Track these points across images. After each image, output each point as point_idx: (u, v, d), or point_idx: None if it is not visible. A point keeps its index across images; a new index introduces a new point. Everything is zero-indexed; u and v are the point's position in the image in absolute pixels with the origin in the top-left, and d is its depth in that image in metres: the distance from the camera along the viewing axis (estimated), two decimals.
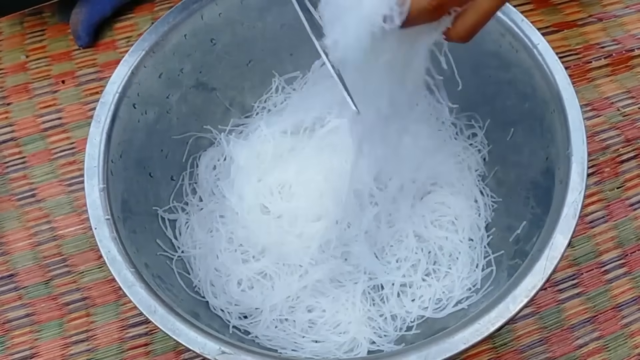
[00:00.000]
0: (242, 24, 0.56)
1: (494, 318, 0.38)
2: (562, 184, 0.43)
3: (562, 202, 0.42)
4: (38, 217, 0.61)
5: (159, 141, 0.53)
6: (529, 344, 0.53)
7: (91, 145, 0.46)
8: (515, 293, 0.39)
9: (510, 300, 0.39)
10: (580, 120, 0.45)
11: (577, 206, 0.41)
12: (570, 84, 0.46)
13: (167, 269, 0.49)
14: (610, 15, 0.71)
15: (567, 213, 0.41)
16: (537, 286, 0.39)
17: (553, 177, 0.45)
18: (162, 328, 0.39)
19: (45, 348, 0.55)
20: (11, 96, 0.69)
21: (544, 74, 0.47)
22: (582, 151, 0.43)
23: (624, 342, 0.53)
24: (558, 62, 0.47)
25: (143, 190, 0.51)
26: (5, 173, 0.64)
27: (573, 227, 0.41)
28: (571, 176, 0.42)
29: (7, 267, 0.59)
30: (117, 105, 0.48)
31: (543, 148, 0.48)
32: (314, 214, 0.51)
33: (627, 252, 0.57)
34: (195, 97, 0.56)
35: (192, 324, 0.39)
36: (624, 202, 0.60)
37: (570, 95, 0.46)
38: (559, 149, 0.45)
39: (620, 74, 0.67)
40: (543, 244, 0.41)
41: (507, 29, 0.49)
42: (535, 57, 0.48)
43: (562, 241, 0.40)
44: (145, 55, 0.50)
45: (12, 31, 0.73)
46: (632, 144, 0.62)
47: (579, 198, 0.42)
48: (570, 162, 0.43)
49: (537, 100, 0.48)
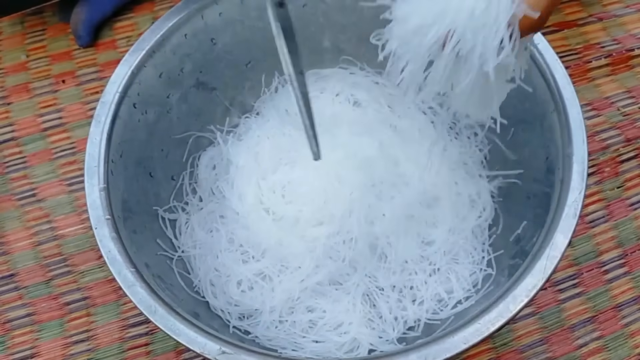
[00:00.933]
0: (242, 23, 0.56)
1: (494, 318, 0.38)
2: (563, 183, 0.43)
3: (562, 202, 0.42)
4: (38, 216, 0.61)
5: (159, 141, 0.53)
6: (529, 343, 0.54)
7: (91, 144, 0.46)
8: (516, 293, 0.39)
9: (510, 300, 0.39)
10: (580, 119, 0.45)
11: (577, 206, 0.41)
12: (570, 83, 0.46)
13: (167, 268, 0.49)
14: (611, 15, 0.71)
15: (568, 213, 0.41)
16: (537, 286, 0.39)
17: (553, 176, 0.45)
18: (163, 328, 0.39)
19: (46, 348, 0.55)
20: (11, 96, 0.69)
21: (544, 74, 0.47)
22: (583, 151, 0.43)
23: (624, 342, 0.54)
24: (558, 61, 0.47)
25: (143, 190, 0.51)
26: (5, 173, 0.64)
27: (574, 226, 0.41)
28: (572, 176, 0.43)
29: (7, 267, 0.59)
30: (117, 105, 0.48)
31: (543, 147, 0.48)
32: (316, 218, 0.51)
33: (627, 252, 0.58)
34: (195, 96, 0.56)
35: (192, 324, 0.39)
36: (624, 202, 0.60)
37: (571, 94, 0.46)
38: (559, 149, 0.45)
39: (621, 73, 0.67)
40: (543, 244, 0.41)
41: None
42: (535, 57, 0.48)
43: (563, 241, 0.40)
44: (145, 55, 0.50)
45: (13, 31, 0.73)
46: (632, 143, 0.62)
47: (579, 198, 0.42)
48: (570, 162, 0.43)
49: (537, 99, 0.48)
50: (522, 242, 0.47)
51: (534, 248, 0.42)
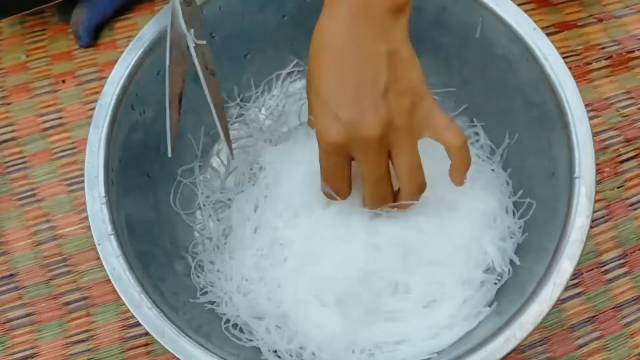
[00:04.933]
0: (242, 16, 0.54)
1: (501, 345, 0.38)
2: (569, 207, 0.41)
3: (568, 226, 0.41)
4: (38, 216, 0.61)
5: (157, 140, 0.52)
6: (529, 343, 0.54)
7: (90, 152, 0.45)
8: (522, 320, 0.39)
9: (517, 327, 0.39)
10: (589, 139, 0.43)
11: (584, 231, 0.40)
12: (580, 100, 0.44)
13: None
14: (611, 16, 0.71)
15: (575, 238, 0.40)
16: (544, 312, 0.39)
17: (559, 196, 0.43)
18: (172, 351, 0.38)
19: (46, 348, 0.55)
20: (11, 96, 0.69)
21: (554, 89, 0.45)
22: (591, 172, 0.42)
23: (624, 342, 0.54)
24: (570, 76, 0.45)
25: (144, 193, 0.50)
26: (5, 173, 0.64)
27: (580, 252, 0.40)
28: (579, 200, 0.41)
29: (7, 267, 0.59)
30: (115, 107, 0.47)
31: (549, 163, 0.46)
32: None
33: (627, 252, 0.58)
34: (193, 93, 0.55)
35: (203, 346, 0.39)
36: (624, 202, 0.60)
37: (581, 112, 0.44)
38: (565, 166, 0.44)
39: (620, 74, 0.67)
40: (549, 270, 0.40)
41: (518, 37, 0.47)
42: (546, 70, 0.45)
43: (569, 267, 0.40)
44: (143, 54, 0.49)
45: (13, 31, 0.73)
46: (632, 143, 0.63)
47: (586, 223, 0.40)
48: (578, 185, 0.42)
49: (545, 112, 0.47)
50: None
51: (540, 274, 0.41)
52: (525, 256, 0.46)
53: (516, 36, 0.47)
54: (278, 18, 0.56)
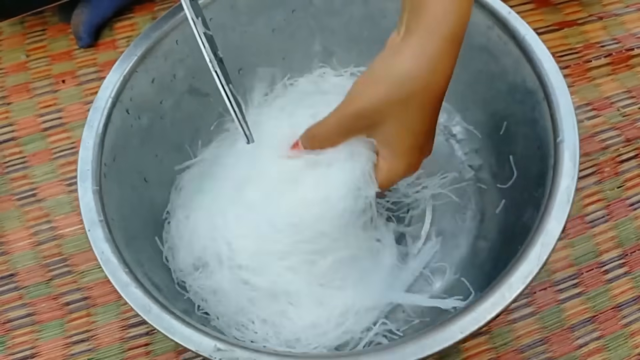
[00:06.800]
0: (233, 29, 0.55)
1: (490, 306, 0.38)
2: (555, 170, 0.43)
3: (555, 188, 0.42)
4: (38, 216, 0.61)
5: (154, 146, 0.53)
6: (529, 343, 0.53)
7: (84, 149, 0.46)
8: (511, 281, 0.39)
9: (505, 289, 0.39)
10: (570, 105, 0.45)
11: (570, 192, 0.41)
12: (558, 71, 0.46)
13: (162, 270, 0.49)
14: (611, 14, 0.71)
15: (561, 199, 0.41)
16: (533, 272, 0.39)
17: (546, 164, 0.45)
18: (157, 327, 0.39)
19: (46, 348, 0.55)
20: (11, 96, 0.69)
21: (532, 63, 0.47)
22: (574, 137, 0.43)
23: (624, 342, 0.53)
24: (546, 50, 0.47)
25: (138, 194, 0.51)
26: (5, 173, 0.64)
27: (567, 212, 0.41)
28: (564, 162, 0.43)
29: (7, 267, 0.59)
30: (110, 111, 0.48)
31: (535, 137, 0.47)
32: None
33: (627, 252, 0.57)
34: (189, 102, 0.56)
35: (186, 322, 0.39)
36: (624, 202, 0.60)
37: (560, 82, 0.46)
38: (550, 137, 0.45)
39: (621, 73, 0.67)
40: (537, 231, 0.41)
41: (495, 22, 0.50)
42: (523, 47, 0.48)
43: (557, 227, 0.40)
44: (137, 61, 0.50)
45: (13, 31, 0.73)
46: (632, 143, 0.62)
47: (572, 184, 0.41)
48: (562, 149, 0.43)
49: (527, 89, 0.48)
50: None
51: (528, 236, 0.41)
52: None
53: (493, 21, 0.50)
54: (268, 32, 0.57)
